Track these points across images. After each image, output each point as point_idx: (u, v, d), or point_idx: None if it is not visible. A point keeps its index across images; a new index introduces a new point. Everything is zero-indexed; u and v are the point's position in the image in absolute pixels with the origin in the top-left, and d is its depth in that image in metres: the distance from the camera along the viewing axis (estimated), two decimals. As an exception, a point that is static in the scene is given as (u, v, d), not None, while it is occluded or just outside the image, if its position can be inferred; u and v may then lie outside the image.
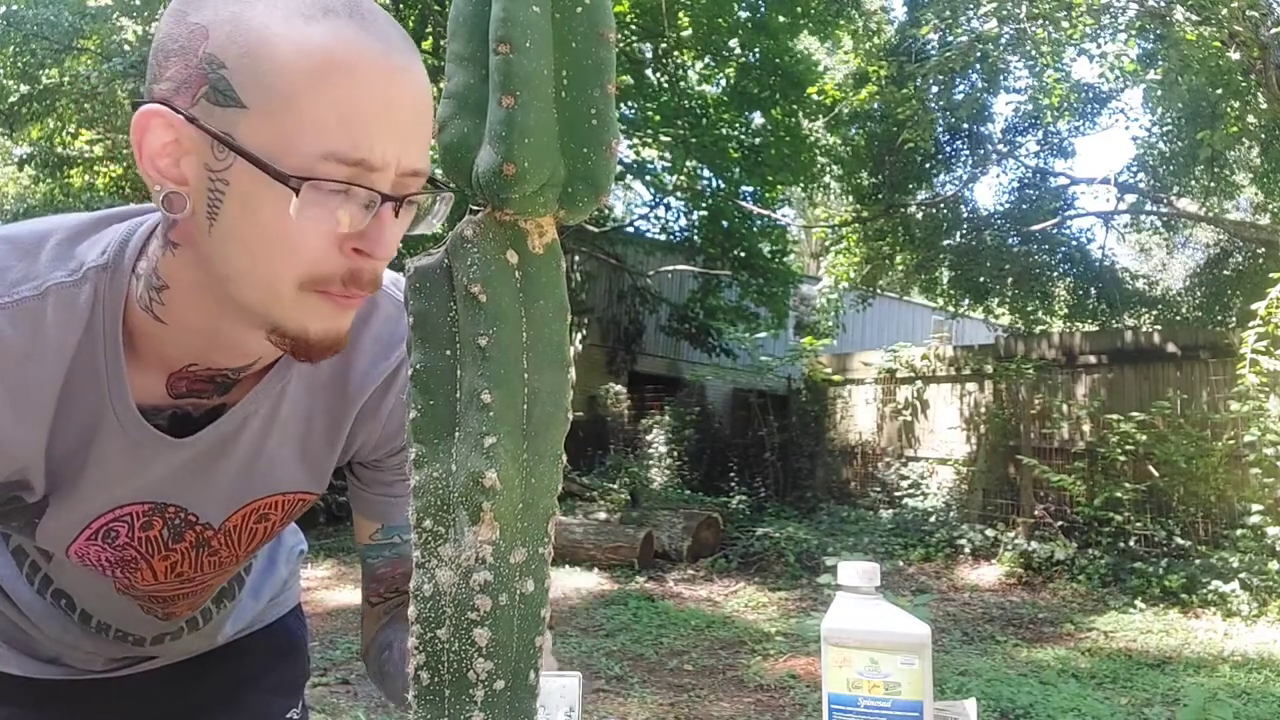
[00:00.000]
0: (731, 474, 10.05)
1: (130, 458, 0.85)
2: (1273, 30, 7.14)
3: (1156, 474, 7.05)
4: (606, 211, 10.77)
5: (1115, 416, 7.28)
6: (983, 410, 8.81)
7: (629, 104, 10.25)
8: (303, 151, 0.68)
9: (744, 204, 10.96)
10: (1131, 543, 7.00)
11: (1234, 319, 9.54)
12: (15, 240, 0.79)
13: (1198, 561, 6.37)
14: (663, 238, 12.19)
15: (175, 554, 0.96)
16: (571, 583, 6.71)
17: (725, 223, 11.02)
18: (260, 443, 0.92)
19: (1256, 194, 11.60)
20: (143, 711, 1.15)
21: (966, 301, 12.13)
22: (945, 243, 11.24)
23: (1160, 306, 11.66)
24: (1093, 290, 11.35)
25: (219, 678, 1.20)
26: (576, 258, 11.09)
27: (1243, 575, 5.95)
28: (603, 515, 8.45)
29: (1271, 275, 6.19)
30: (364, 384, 0.94)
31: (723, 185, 11.01)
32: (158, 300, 0.79)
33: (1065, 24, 7.89)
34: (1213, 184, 10.14)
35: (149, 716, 1.16)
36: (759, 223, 11.21)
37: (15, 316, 0.76)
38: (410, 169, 0.73)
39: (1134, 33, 8.43)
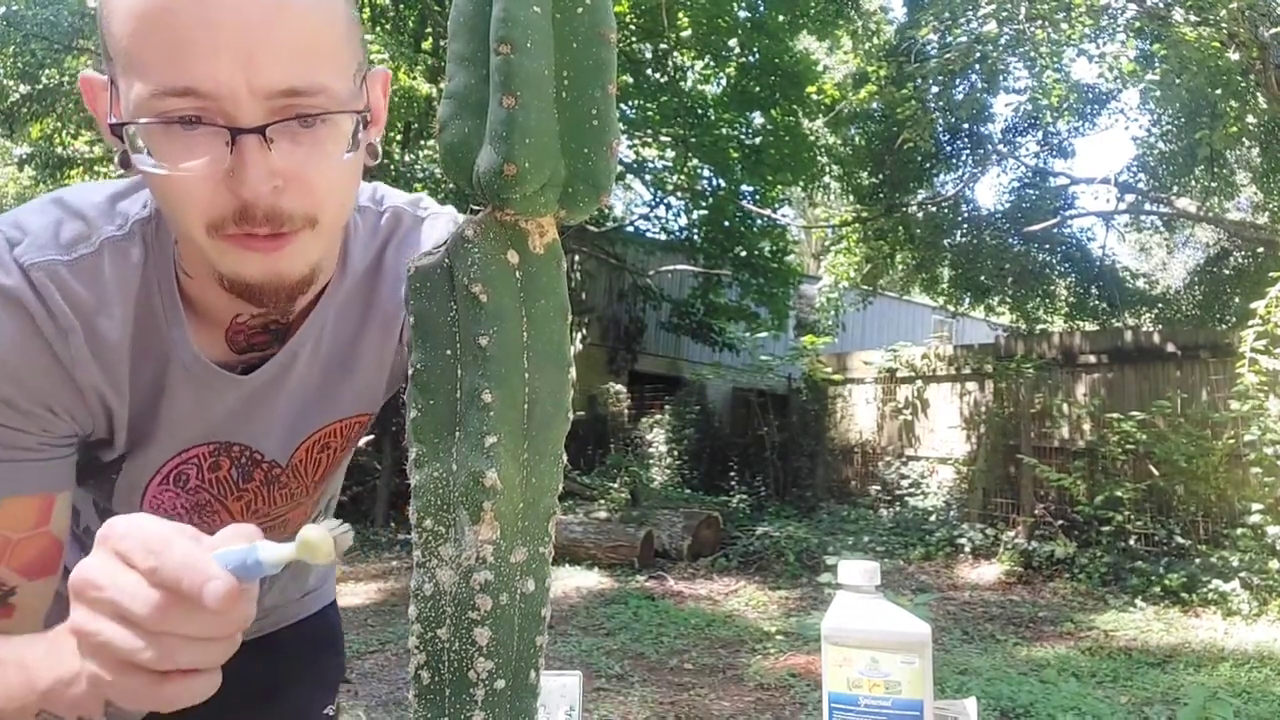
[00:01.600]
0: (731, 473, 10.05)
1: (198, 401, 0.86)
2: (1272, 30, 7.14)
3: (1156, 473, 7.05)
4: (606, 211, 10.78)
5: (1115, 416, 7.28)
6: (983, 410, 8.82)
7: (629, 103, 10.25)
8: (140, 95, 0.66)
9: (744, 203, 10.96)
10: (1132, 542, 7.00)
11: (1233, 318, 9.54)
12: (66, 203, 0.81)
13: (1198, 560, 6.37)
14: (663, 237, 12.20)
15: (248, 493, 0.96)
16: (571, 582, 6.71)
17: (725, 222, 11.03)
18: (309, 375, 0.93)
19: (1256, 193, 11.60)
20: None
21: (967, 300, 12.14)
22: (945, 242, 11.25)
23: (1160, 306, 11.66)
24: (1093, 289, 11.35)
25: (259, 669, 1.19)
26: (576, 257, 11.09)
27: (1243, 574, 5.95)
28: (603, 514, 8.46)
29: (1271, 274, 6.19)
30: (399, 300, 0.94)
31: (723, 185, 11.01)
32: (179, 254, 0.81)
33: (1064, 25, 7.89)
34: (1212, 184, 10.14)
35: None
36: (759, 222, 11.21)
37: (77, 272, 0.77)
38: (277, 89, 0.66)
39: (1133, 33, 8.43)
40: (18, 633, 0.72)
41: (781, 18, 9.89)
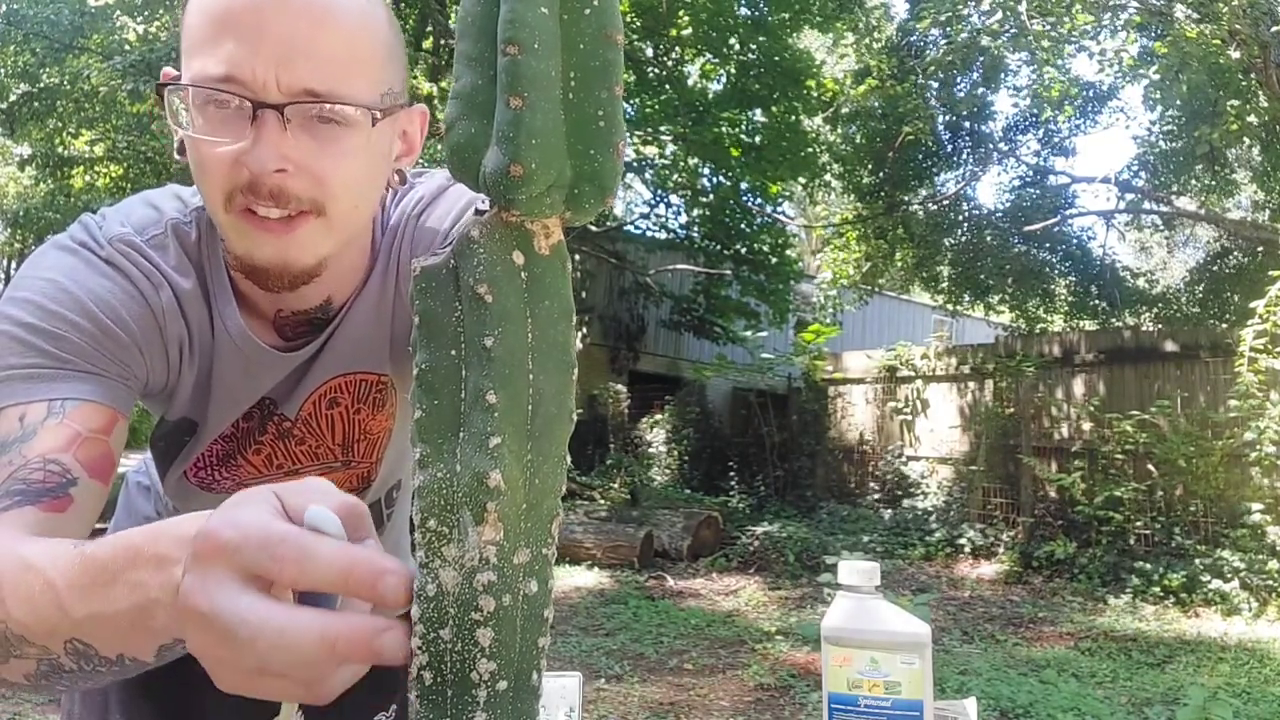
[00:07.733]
0: (731, 473, 10.05)
1: (246, 374, 0.95)
2: (1274, 28, 7.14)
3: (1156, 473, 7.05)
4: (608, 211, 10.77)
5: (1115, 415, 7.28)
6: (983, 409, 8.82)
7: (630, 101, 10.25)
8: (193, 72, 0.78)
9: (745, 201, 10.95)
10: (1131, 542, 7.00)
11: (1232, 317, 9.55)
12: (149, 197, 0.96)
13: (1198, 560, 6.38)
14: (663, 235, 12.19)
15: (264, 445, 1.02)
16: (572, 581, 6.71)
17: (725, 219, 11.02)
18: (344, 350, 1.00)
19: (1256, 192, 11.60)
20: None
21: (967, 299, 12.14)
22: (946, 241, 11.25)
23: (1160, 305, 11.66)
24: (1093, 289, 11.36)
25: None
26: (577, 256, 11.08)
27: (1243, 574, 5.95)
28: (603, 514, 8.46)
29: (1271, 273, 6.20)
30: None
31: (724, 182, 11.00)
32: (226, 246, 0.90)
33: (1065, 20, 7.89)
34: (1213, 182, 10.14)
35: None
36: (759, 219, 11.19)
37: (151, 246, 0.91)
38: (300, 87, 0.77)
39: (1134, 29, 8.42)
40: (64, 535, 0.70)
41: (785, 14, 9.87)
